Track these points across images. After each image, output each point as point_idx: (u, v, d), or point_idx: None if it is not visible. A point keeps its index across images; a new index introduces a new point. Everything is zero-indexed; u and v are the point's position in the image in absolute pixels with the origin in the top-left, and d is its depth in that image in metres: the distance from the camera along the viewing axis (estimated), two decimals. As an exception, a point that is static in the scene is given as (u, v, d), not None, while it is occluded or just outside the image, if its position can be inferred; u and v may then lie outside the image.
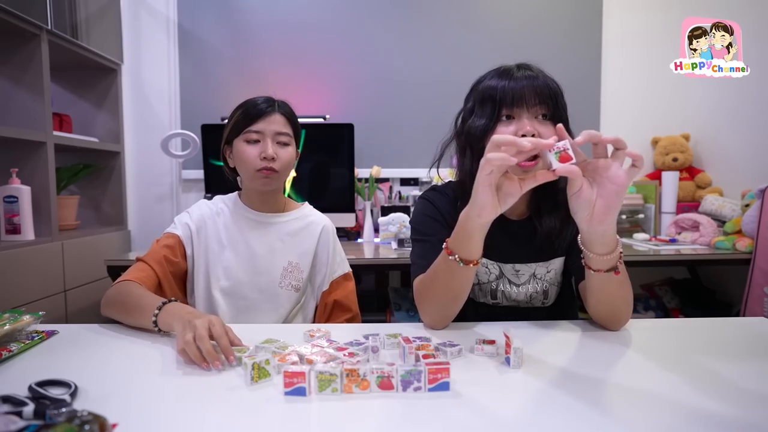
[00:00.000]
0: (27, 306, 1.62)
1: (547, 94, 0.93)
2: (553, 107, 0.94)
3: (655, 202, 2.36)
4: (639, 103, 2.58)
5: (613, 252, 0.84)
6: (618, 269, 0.86)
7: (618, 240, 0.85)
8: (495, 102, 0.95)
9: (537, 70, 0.98)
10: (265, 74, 2.48)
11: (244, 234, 1.17)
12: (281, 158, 1.13)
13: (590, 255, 0.86)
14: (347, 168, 2.25)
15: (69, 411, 0.55)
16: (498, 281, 1.08)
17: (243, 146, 1.12)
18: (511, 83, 0.94)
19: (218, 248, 1.16)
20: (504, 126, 0.94)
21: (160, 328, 0.90)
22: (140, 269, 1.08)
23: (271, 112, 1.14)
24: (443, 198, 1.10)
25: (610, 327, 0.96)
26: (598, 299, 0.93)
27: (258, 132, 1.12)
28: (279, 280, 1.16)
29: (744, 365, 0.78)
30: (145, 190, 2.53)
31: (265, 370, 0.71)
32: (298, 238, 1.19)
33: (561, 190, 0.93)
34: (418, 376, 0.68)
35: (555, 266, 1.08)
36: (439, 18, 2.51)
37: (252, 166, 1.11)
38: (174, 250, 1.14)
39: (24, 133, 1.73)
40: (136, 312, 0.94)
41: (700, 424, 0.59)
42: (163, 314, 0.89)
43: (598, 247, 0.84)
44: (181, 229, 1.17)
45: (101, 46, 2.17)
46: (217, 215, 1.19)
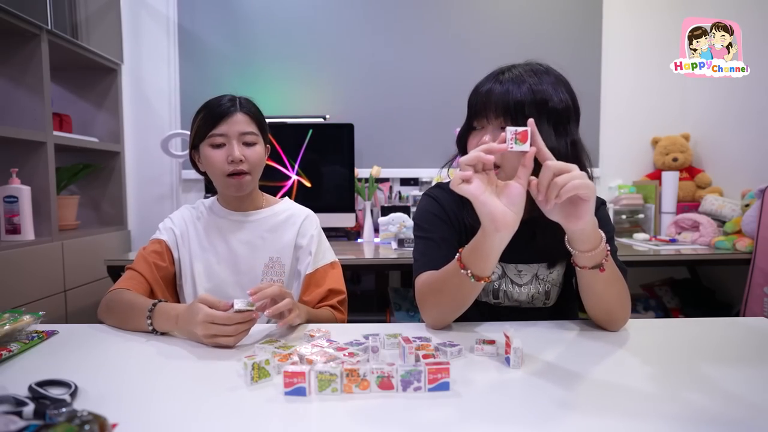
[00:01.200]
0: (27, 306, 1.62)
1: (506, 106, 0.91)
2: (515, 120, 0.90)
3: (655, 202, 2.36)
4: (639, 103, 2.57)
5: (596, 249, 0.85)
6: (603, 266, 0.87)
7: (602, 237, 0.86)
8: (469, 110, 0.99)
9: (520, 74, 0.94)
10: (265, 74, 2.48)
11: (223, 235, 1.17)
12: (249, 159, 1.11)
13: (575, 252, 0.87)
14: (347, 168, 2.25)
15: (69, 411, 0.55)
16: (500, 281, 1.07)
17: (209, 151, 1.11)
18: (482, 90, 0.95)
19: (200, 251, 1.17)
20: (471, 136, 0.99)
21: (155, 328, 0.93)
22: (130, 277, 1.10)
23: (233, 112, 1.10)
24: (448, 196, 1.09)
25: (607, 327, 0.96)
26: (589, 298, 0.94)
27: (222, 135, 1.10)
28: (261, 276, 1.16)
29: (744, 365, 0.78)
30: (145, 190, 2.53)
31: (265, 370, 0.71)
32: (278, 233, 1.18)
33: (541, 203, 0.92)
34: (418, 376, 0.68)
35: (558, 268, 1.08)
36: (440, 18, 2.51)
37: (221, 171, 1.10)
38: (162, 255, 1.14)
39: (24, 133, 1.73)
40: (130, 318, 0.97)
41: (700, 424, 0.59)
42: (156, 318, 0.93)
43: (579, 244, 0.86)
44: (166, 234, 1.17)
45: (101, 46, 2.17)
46: (197, 219, 1.19)
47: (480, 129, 0.97)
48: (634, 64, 2.55)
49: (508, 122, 0.91)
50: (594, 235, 0.85)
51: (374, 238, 2.27)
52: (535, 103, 0.91)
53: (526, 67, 0.96)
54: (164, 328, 0.93)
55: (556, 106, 0.92)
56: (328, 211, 2.17)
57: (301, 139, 2.21)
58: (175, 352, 0.84)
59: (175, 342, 0.89)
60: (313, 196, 2.18)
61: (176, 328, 0.91)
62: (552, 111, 0.92)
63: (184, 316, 0.88)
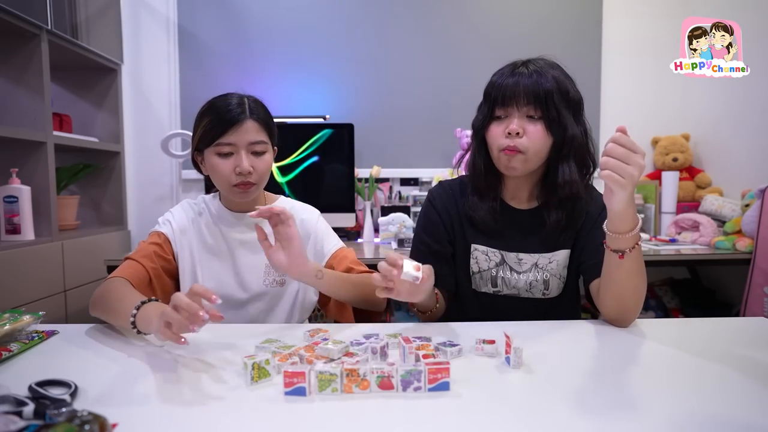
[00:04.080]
0: (27, 306, 1.62)
1: (536, 95, 0.98)
2: (544, 108, 0.98)
3: (655, 202, 2.36)
4: (639, 103, 2.57)
5: (622, 233, 0.89)
6: (623, 254, 0.90)
7: (637, 223, 0.89)
8: (490, 100, 1.03)
9: (541, 66, 1.01)
10: (265, 74, 2.48)
11: (225, 236, 1.15)
12: (258, 169, 1.07)
13: (609, 234, 0.92)
14: (347, 168, 2.25)
15: (69, 411, 0.56)
16: (498, 268, 1.10)
17: (215, 160, 1.05)
18: (507, 81, 1.00)
19: (201, 251, 1.14)
20: (495, 125, 1.03)
21: (139, 329, 0.85)
22: (128, 266, 1.05)
23: (242, 119, 1.04)
24: (445, 193, 1.16)
25: (616, 322, 0.98)
26: (606, 284, 0.96)
27: (230, 144, 1.04)
28: (263, 278, 1.14)
29: (744, 365, 0.78)
30: (145, 190, 2.53)
31: (265, 370, 0.71)
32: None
33: (560, 186, 1.02)
34: (418, 376, 0.68)
35: (558, 258, 1.09)
36: (440, 18, 2.50)
37: (227, 182, 1.06)
38: (163, 247, 1.11)
39: (24, 133, 1.73)
40: (117, 313, 0.91)
41: (700, 424, 0.59)
42: (141, 314, 0.85)
43: (612, 224, 0.90)
44: (166, 227, 1.14)
45: (101, 46, 2.17)
46: (199, 215, 1.16)
47: (504, 118, 1.02)
48: (634, 64, 2.55)
49: (537, 109, 0.99)
50: (623, 221, 0.89)
51: (374, 238, 2.27)
52: (560, 93, 1.00)
53: (542, 61, 1.03)
54: (145, 324, 0.84)
55: (574, 96, 1.02)
56: (328, 211, 2.15)
57: (301, 139, 2.21)
58: (176, 352, 0.84)
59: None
60: (313, 196, 2.18)
61: (151, 316, 0.81)
62: (571, 101, 1.02)
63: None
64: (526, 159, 1.00)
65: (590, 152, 1.06)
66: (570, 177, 1.02)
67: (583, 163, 1.06)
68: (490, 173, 1.09)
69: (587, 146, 1.05)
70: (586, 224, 1.08)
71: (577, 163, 1.04)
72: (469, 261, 1.12)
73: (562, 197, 1.04)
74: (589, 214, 1.08)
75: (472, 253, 1.12)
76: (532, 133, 0.99)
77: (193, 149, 1.12)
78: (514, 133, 0.99)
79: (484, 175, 1.09)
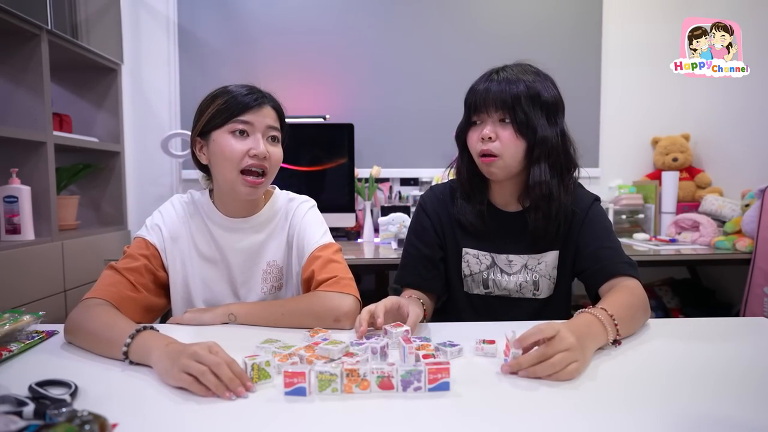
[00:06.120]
0: (27, 306, 1.62)
1: (504, 101, 1.01)
2: (512, 113, 1.01)
3: (655, 202, 2.36)
4: (639, 103, 2.57)
5: (606, 342, 0.84)
6: (619, 341, 0.86)
7: (606, 340, 0.83)
8: (467, 107, 1.08)
9: (514, 72, 1.03)
10: (265, 74, 2.48)
11: (218, 242, 1.07)
12: (272, 158, 0.99)
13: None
14: (347, 168, 2.25)
15: (69, 411, 0.55)
16: (489, 270, 1.12)
17: (227, 139, 0.96)
18: (480, 88, 1.04)
19: (194, 257, 1.07)
20: (472, 131, 1.07)
21: (131, 360, 0.77)
22: (111, 283, 0.95)
23: (262, 103, 0.99)
24: (436, 198, 1.18)
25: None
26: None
27: (248, 123, 0.97)
28: (261, 285, 1.09)
29: (744, 365, 0.78)
30: (145, 190, 2.53)
31: (265, 371, 0.71)
32: (273, 234, 1.11)
33: (531, 187, 1.04)
34: (418, 376, 0.68)
35: (546, 259, 1.11)
36: (440, 18, 2.50)
37: (237, 164, 0.96)
38: (152, 261, 1.03)
39: (24, 133, 1.73)
40: (104, 342, 0.81)
41: (699, 424, 0.59)
42: (136, 344, 0.77)
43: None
44: (155, 236, 1.05)
45: (101, 46, 2.17)
46: (191, 217, 1.09)
47: (479, 124, 1.06)
48: (634, 64, 2.55)
49: (506, 115, 1.02)
50: (594, 337, 0.81)
51: (374, 238, 2.27)
52: (530, 97, 1.01)
53: (517, 67, 1.06)
54: (141, 355, 0.76)
55: (547, 99, 1.03)
56: (328, 211, 2.15)
57: (301, 139, 2.21)
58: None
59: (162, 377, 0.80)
60: (313, 197, 2.17)
61: (150, 347, 0.75)
62: (544, 103, 1.03)
63: (174, 340, 0.76)
64: (505, 164, 1.03)
65: (568, 152, 1.06)
66: (540, 178, 1.03)
67: (558, 164, 1.05)
68: (476, 177, 1.11)
69: (563, 147, 1.05)
70: (575, 224, 1.08)
71: (550, 164, 1.04)
72: (460, 264, 1.14)
73: (534, 198, 1.05)
74: (575, 214, 1.08)
75: (463, 256, 1.14)
76: (503, 137, 1.02)
77: (195, 135, 1.03)
78: (486, 138, 1.02)
79: (469, 179, 1.12)
